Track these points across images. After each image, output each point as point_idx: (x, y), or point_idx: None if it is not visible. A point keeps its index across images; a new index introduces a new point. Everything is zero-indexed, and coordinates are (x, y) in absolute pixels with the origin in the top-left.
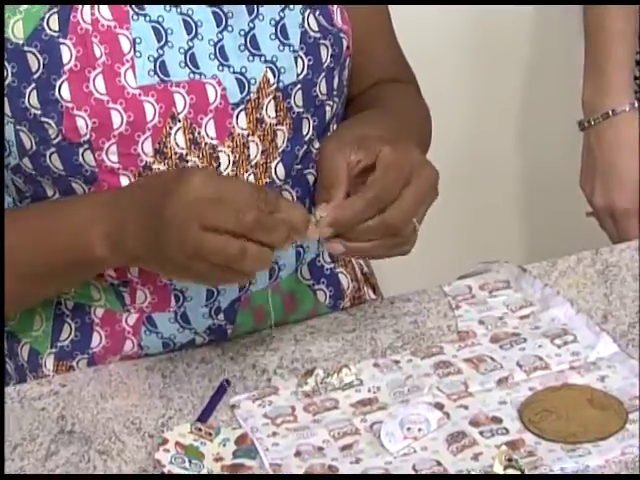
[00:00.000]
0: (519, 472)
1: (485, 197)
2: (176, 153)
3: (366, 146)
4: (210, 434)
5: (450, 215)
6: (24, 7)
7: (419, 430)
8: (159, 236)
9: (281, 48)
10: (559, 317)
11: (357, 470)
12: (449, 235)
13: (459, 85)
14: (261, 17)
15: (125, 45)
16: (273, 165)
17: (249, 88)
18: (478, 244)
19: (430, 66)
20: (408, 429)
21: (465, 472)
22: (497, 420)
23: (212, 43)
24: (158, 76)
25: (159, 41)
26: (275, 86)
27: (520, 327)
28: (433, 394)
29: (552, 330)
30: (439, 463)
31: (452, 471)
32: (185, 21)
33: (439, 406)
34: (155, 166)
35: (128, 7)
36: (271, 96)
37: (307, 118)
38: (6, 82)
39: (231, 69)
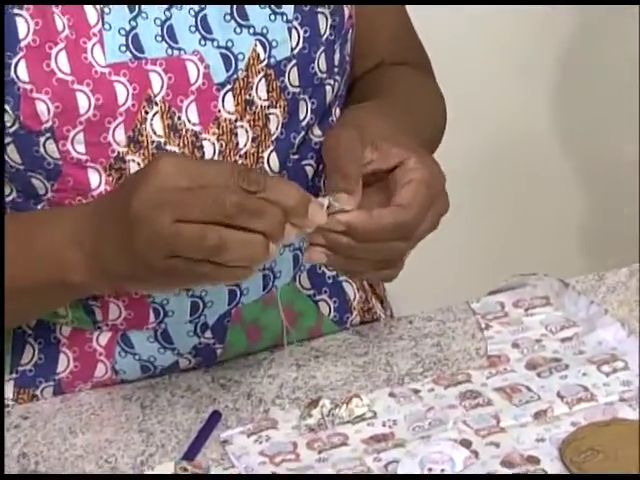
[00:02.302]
0: None
1: (519, 200)
2: (153, 142)
3: (384, 150)
4: (198, 475)
5: (479, 219)
6: None
7: (442, 471)
8: (132, 239)
9: (273, 18)
10: (607, 340)
11: None
12: (478, 243)
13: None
14: None
15: (92, 16)
16: (265, 155)
17: (236, 65)
18: (512, 254)
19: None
20: (429, 470)
21: None
22: (534, 460)
23: (193, 13)
24: (131, 52)
25: (131, 11)
26: (266, 62)
27: (561, 351)
28: (459, 429)
29: (599, 355)
30: None
31: None
32: None
33: (466, 443)
34: (129, 157)
35: None
36: (262, 74)
37: (304, 99)
38: None
39: (215, 43)
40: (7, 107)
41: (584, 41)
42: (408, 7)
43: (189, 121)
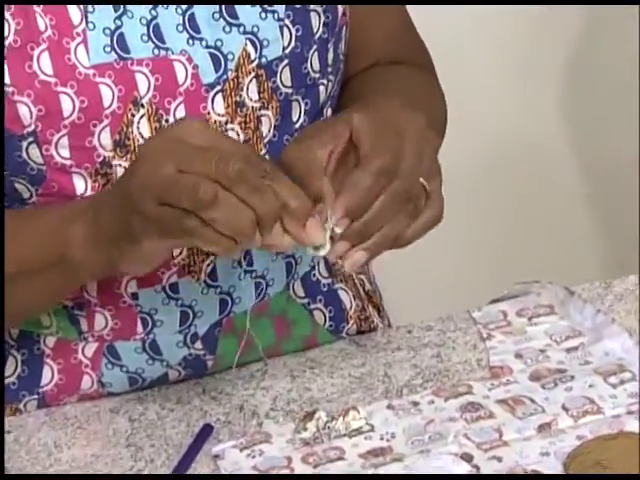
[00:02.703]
0: None
1: (522, 205)
2: (140, 145)
3: (330, 134)
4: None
5: (480, 225)
6: None
7: None
8: (129, 181)
9: (263, 16)
10: (614, 350)
11: None
12: (479, 250)
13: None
14: None
15: (75, 15)
16: None
17: (226, 65)
18: (514, 260)
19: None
20: None
21: None
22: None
23: (180, 12)
24: (116, 52)
25: (116, 10)
26: (257, 62)
27: (566, 362)
28: (460, 443)
29: (605, 366)
30: None
31: None
32: None
33: (467, 457)
34: (115, 162)
35: None
36: (252, 74)
37: (297, 100)
38: None
39: (203, 43)
40: None
41: (584, 41)
42: (408, 7)
43: None
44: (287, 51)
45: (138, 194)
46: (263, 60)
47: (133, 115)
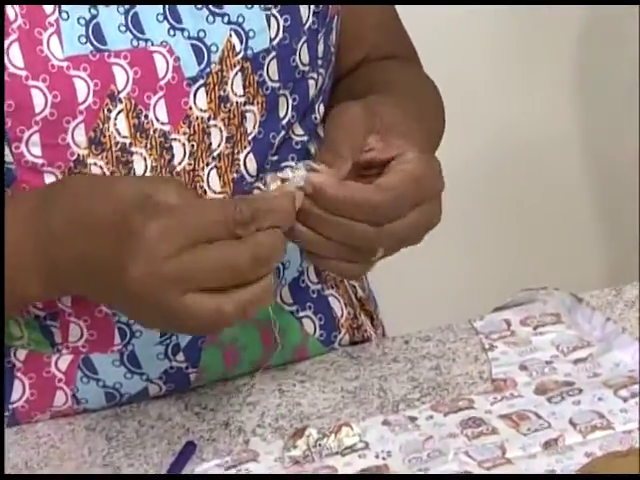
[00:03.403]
0: None
1: (526, 208)
2: (117, 143)
3: (387, 140)
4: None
5: (482, 229)
6: None
7: None
8: (134, 310)
9: (249, 5)
10: (625, 361)
11: None
12: (481, 255)
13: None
14: None
15: (47, 4)
16: (242, 156)
17: (209, 58)
18: (519, 266)
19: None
20: None
21: None
22: None
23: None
24: (91, 44)
25: None
26: (242, 55)
27: (574, 374)
28: (460, 461)
29: (616, 378)
30: None
31: None
32: None
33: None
34: (90, 160)
35: None
36: (237, 68)
37: (284, 95)
38: None
39: (185, 33)
40: None
41: (583, 41)
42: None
43: (157, 120)
44: (274, 43)
45: (156, 321)
46: (249, 52)
47: (110, 110)
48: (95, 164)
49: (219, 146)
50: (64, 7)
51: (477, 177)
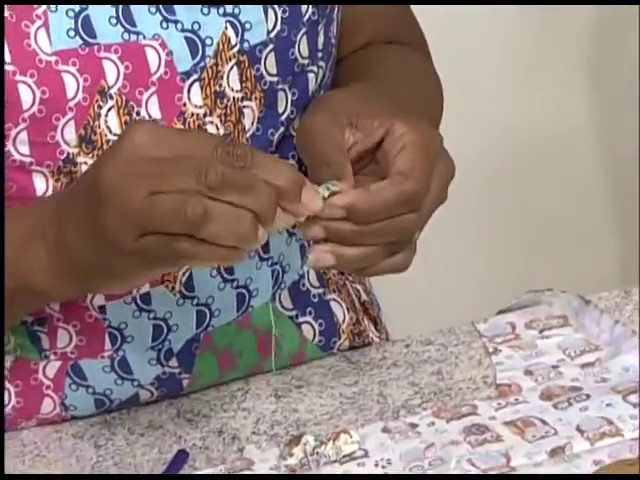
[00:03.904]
0: None
1: (531, 207)
2: (108, 141)
3: (364, 125)
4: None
5: (485, 229)
6: None
7: None
8: (100, 218)
9: None
10: (635, 366)
11: None
12: (484, 255)
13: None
14: None
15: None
16: None
17: (204, 51)
18: (524, 267)
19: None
20: None
21: None
22: None
23: None
24: (81, 37)
25: None
26: (239, 47)
27: (581, 379)
28: (463, 469)
29: (625, 383)
30: None
31: None
32: None
33: None
34: (80, 159)
35: None
36: (234, 61)
37: (283, 90)
38: None
39: (179, 26)
40: None
41: (583, 41)
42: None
43: (150, 116)
44: (272, 35)
45: (113, 232)
46: (245, 45)
47: (100, 107)
48: (86, 163)
49: None
50: None
51: (481, 177)
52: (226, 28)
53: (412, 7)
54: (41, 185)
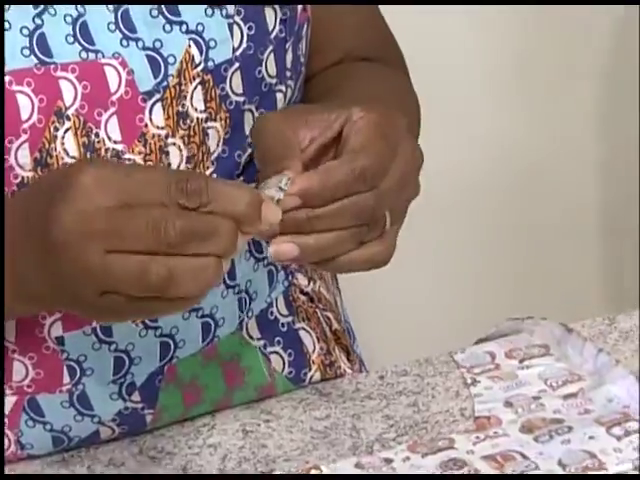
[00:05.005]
0: None
1: (510, 228)
2: (65, 164)
3: (320, 119)
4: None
5: (463, 253)
6: None
7: None
8: (56, 270)
9: (209, 13)
10: (619, 396)
11: None
12: (462, 281)
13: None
14: None
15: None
16: None
17: (166, 70)
18: (503, 293)
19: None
20: None
21: None
22: None
23: (112, 8)
24: (36, 56)
25: (35, 7)
26: (203, 66)
27: (564, 411)
28: None
29: (609, 415)
30: None
31: None
32: None
33: None
34: None
35: None
36: (197, 81)
37: (250, 110)
38: None
39: (140, 44)
40: None
41: (583, 41)
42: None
43: (109, 138)
44: (238, 53)
45: (71, 285)
46: (210, 64)
47: (57, 129)
48: None
49: (178, 167)
50: (6, 16)
51: (459, 201)
52: (189, 46)
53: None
54: None
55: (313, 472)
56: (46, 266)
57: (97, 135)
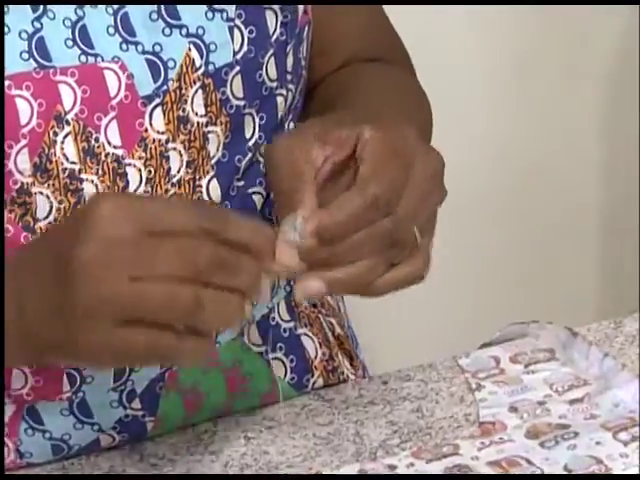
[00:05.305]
0: None
1: (515, 232)
2: (65, 169)
3: (333, 138)
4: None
5: (468, 256)
6: None
7: None
8: (70, 300)
9: (210, 16)
10: (625, 401)
11: None
12: (466, 286)
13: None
14: None
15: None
16: (204, 182)
17: (166, 74)
18: (508, 298)
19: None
20: None
21: None
22: None
23: (111, 11)
24: (35, 60)
25: (34, 10)
26: (203, 70)
27: (569, 416)
28: None
29: (615, 420)
30: None
31: None
32: None
33: None
34: (35, 189)
35: None
36: (198, 85)
37: (250, 114)
38: None
39: (139, 48)
40: None
41: (584, 41)
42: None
43: (109, 143)
44: (238, 56)
45: (86, 316)
46: (210, 67)
47: (56, 134)
48: (41, 193)
49: (179, 171)
50: (6, 19)
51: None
52: (190, 50)
53: (411, 8)
54: None
55: None
56: (57, 302)
57: (97, 140)
